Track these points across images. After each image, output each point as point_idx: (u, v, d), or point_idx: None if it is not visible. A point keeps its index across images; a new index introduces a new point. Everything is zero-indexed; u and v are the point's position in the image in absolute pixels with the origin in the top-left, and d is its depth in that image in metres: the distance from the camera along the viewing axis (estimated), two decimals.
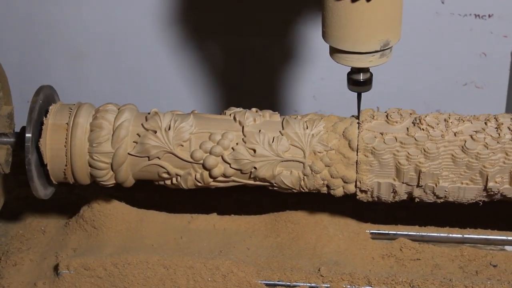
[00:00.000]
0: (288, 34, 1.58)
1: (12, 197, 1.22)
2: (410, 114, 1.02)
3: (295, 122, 1.02)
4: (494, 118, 1.01)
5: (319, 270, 1.04)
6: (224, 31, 1.60)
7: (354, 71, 1.01)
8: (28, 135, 1.02)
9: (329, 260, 1.07)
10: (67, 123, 1.02)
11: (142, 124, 1.02)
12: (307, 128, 1.02)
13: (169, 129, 1.01)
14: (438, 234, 1.12)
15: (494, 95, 1.63)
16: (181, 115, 1.04)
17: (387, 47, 0.98)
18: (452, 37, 1.57)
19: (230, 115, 1.04)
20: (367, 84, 1.02)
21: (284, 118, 1.03)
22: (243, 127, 1.02)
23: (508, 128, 0.99)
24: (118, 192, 1.18)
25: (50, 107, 1.04)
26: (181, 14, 1.60)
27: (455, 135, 1.00)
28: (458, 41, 1.57)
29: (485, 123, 1.01)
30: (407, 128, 1.00)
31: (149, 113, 1.04)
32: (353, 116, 1.05)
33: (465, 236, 1.12)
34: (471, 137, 0.99)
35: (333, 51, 1.00)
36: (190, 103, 1.67)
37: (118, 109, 1.04)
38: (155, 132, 1.01)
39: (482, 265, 1.08)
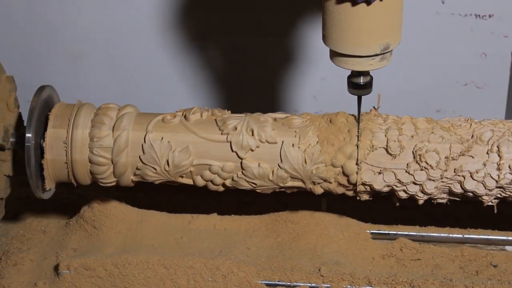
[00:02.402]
0: (289, 34, 1.58)
1: (12, 197, 1.22)
2: (412, 136, 1.01)
3: (293, 154, 1.02)
4: (497, 147, 1.00)
5: (319, 270, 1.04)
6: (224, 31, 1.60)
7: (355, 74, 1.01)
8: (28, 135, 1.02)
9: (330, 260, 1.07)
10: (66, 162, 1.04)
11: (140, 158, 1.03)
12: (305, 163, 1.02)
13: (168, 165, 1.03)
14: (438, 234, 1.12)
15: (494, 95, 1.63)
16: (179, 140, 1.03)
17: (387, 51, 0.98)
18: (452, 37, 1.57)
19: (226, 137, 1.03)
20: (367, 87, 1.02)
21: (282, 147, 1.02)
22: (241, 161, 1.03)
23: (509, 167, 1.00)
24: (118, 192, 1.18)
25: (43, 143, 1.03)
26: (181, 14, 1.59)
27: (454, 171, 1.01)
28: (458, 41, 1.57)
29: (487, 153, 1.00)
30: (407, 164, 1.01)
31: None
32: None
33: (465, 236, 1.12)
34: (471, 175, 1.01)
35: (334, 55, 1.00)
36: (190, 103, 1.67)
37: (113, 128, 1.04)
38: (155, 169, 1.04)
39: (483, 265, 1.08)
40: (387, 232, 1.13)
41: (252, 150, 1.03)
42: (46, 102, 1.06)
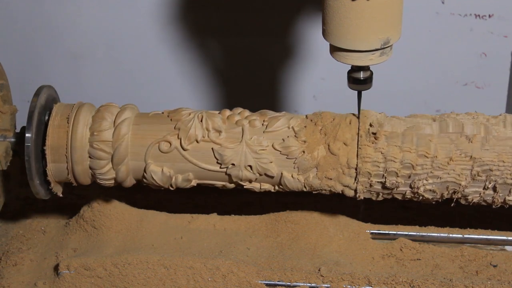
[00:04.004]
0: (288, 34, 1.58)
1: (12, 197, 1.22)
2: (409, 176, 1.01)
3: (293, 184, 1.03)
4: (495, 186, 1.01)
5: (319, 270, 1.04)
6: (224, 31, 1.60)
7: (355, 69, 1.01)
8: (28, 135, 1.02)
9: (329, 260, 1.07)
10: (72, 185, 1.06)
11: (143, 180, 1.05)
12: (305, 188, 1.04)
13: (171, 187, 1.05)
14: (438, 234, 1.12)
15: (494, 95, 1.63)
16: (180, 168, 1.04)
17: (387, 45, 0.98)
18: (452, 37, 1.57)
19: (225, 171, 1.03)
20: (367, 82, 1.02)
21: (281, 178, 1.03)
22: (242, 185, 1.05)
23: (504, 200, 1.02)
24: (118, 192, 1.18)
25: (48, 177, 1.04)
26: (181, 14, 1.60)
27: (451, 197, 1.03)
28: (458, 41, 1.57)
29: (484, 188, 1.01)
30: (405, 192, 1.03)
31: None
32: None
33: (465, 236, 1.12)
34: (466, 200, 1.03)
35: (333, 49, 1.00)
36: (190, 103, 1.67)
37: (112, 160, 1.04)
38: (160, 189, 1.06)
39: (482, 265, 1.08)
40: (387, 232, 1.13)
41: (252, 181, 1.04)
42: (46, 102, 1.05)
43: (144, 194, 1.25)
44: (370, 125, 1.02)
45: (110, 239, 1.12)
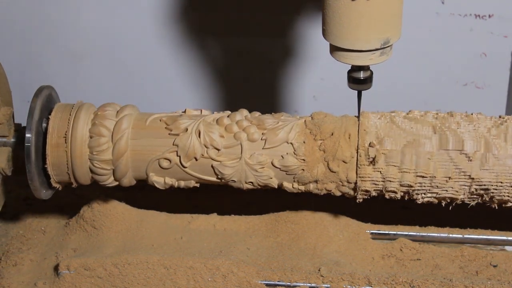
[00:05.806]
0: (288, 34, 1.58)
1: (12, 198, 1.22)
2: (407, 192, 1.02)
3: (293, 190, 1.05)
4: (492, 199, 1.02)
5: (319, 270, 1.04)
6: (224, 31, 1.60)
7: (355, 69, 1.01)
8: (28, 135, 1.02)
9: (329, 260, 1.07)
10: (72, 185, 1.07)
11: (147, 179, 1.06)
12: (304, 191, 1.05)
13: (175, 187, 1.06)
14: (438, 234, 1.12)
15: (494, 95, 1.63)
16: (181, 178, 1.05)
17: (387, 45, 0.98)
18: (452, 37, 1.57)
19: (227, 183, 1.04)
20: (367, 82, 1.02)
21: (282, 186, 1.04)
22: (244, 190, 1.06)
23: (502, 205, 1.02)
24: (118, 192, 1.18)
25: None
26: (181, 14, 1.60)
27: (450, 202, 1.04)
28: (458, 41, 1.57)
29: (482, 200, 1.02)
30: (404, 197, 1.03)
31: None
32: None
33: (465, 236, 1.12)
34: (463, 202, 1.03)
35: (333, 49, 1.00)
36: (190, 103, 1.67)
37: (113, 174, 1.04)
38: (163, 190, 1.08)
39: (482, 265, 1.08)
40: (387, 232, 1.13)
41: (253, 190, 1.06)
42: (46, 102, 1.05)
43: (144, 194, 1.25)
44: (370, 145, 1.00)
45: (110, 239, 1.12)
